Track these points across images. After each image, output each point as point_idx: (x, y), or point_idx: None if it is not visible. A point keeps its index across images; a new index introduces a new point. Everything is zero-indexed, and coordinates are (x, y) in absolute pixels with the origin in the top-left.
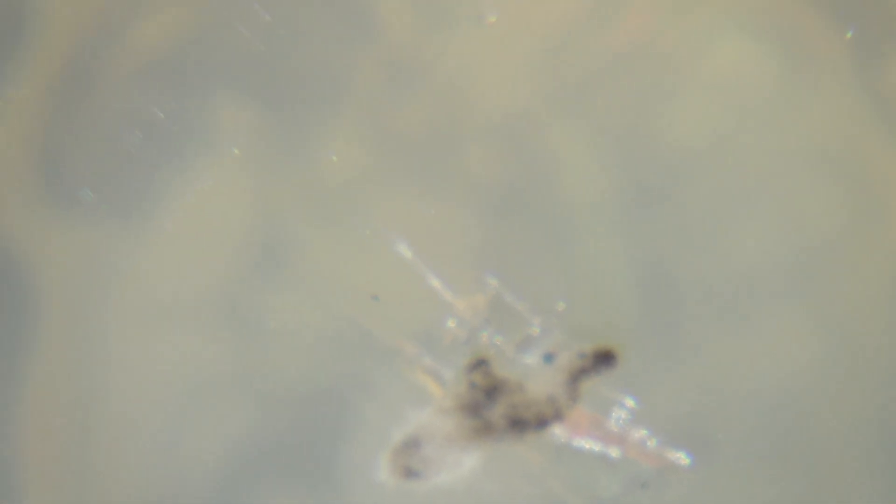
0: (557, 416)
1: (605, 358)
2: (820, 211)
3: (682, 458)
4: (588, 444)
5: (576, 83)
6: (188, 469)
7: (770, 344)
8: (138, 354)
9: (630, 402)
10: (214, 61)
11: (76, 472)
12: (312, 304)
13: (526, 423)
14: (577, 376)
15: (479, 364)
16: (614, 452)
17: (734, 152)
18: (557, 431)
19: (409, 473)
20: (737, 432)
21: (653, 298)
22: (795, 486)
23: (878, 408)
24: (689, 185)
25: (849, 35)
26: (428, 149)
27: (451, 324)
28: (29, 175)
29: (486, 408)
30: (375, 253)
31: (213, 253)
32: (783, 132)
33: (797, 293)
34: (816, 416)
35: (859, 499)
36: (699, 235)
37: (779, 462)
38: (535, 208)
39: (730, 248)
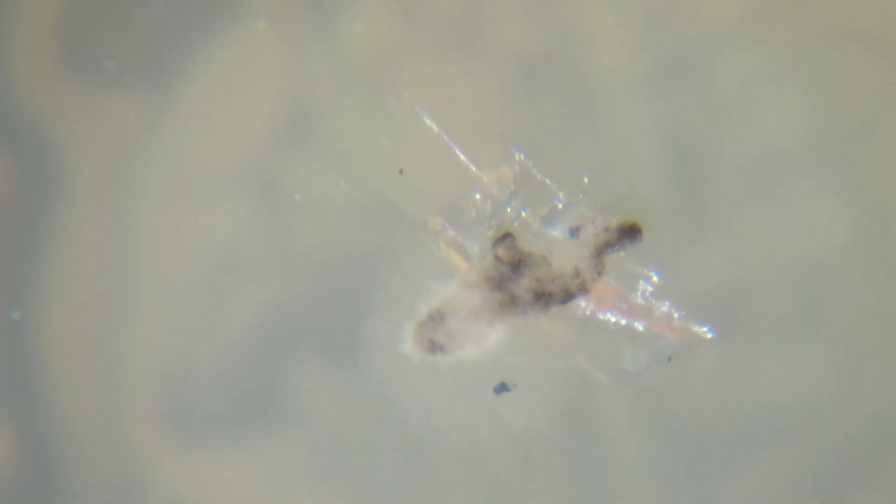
0: (582, 289)
1: (630, 232)
2: (854, 85)
3: (706, 332)
4: (613, 317)
5: None
6: (214, 340)
7: (799, 218)
8: (164, 227)
9: (654, 277)
10: None
11: (102, 345)
12: (338, 177)
13: (551, 296)
14: (602, 250)
15: (505, 237)
16: (639, 326)
17: (766, 26)
18: (582, 305)
19: (434, 347)
20: (762, 307)
21: (680, 173)
22: (821, 361)
23: None
24: (720, 58)
25: None
26: (455, 19)
27: (476, 197)
28: (53, 46)
29: (512, 281)
30: (401, 124)
31: (239, 125)
32: (816, 7)
33: (828, 167)
34: (844, 291)
35: (887, 373)
36: (729, 109)
37: (804, 337)
38: (563, 81)
39: (760, 122)
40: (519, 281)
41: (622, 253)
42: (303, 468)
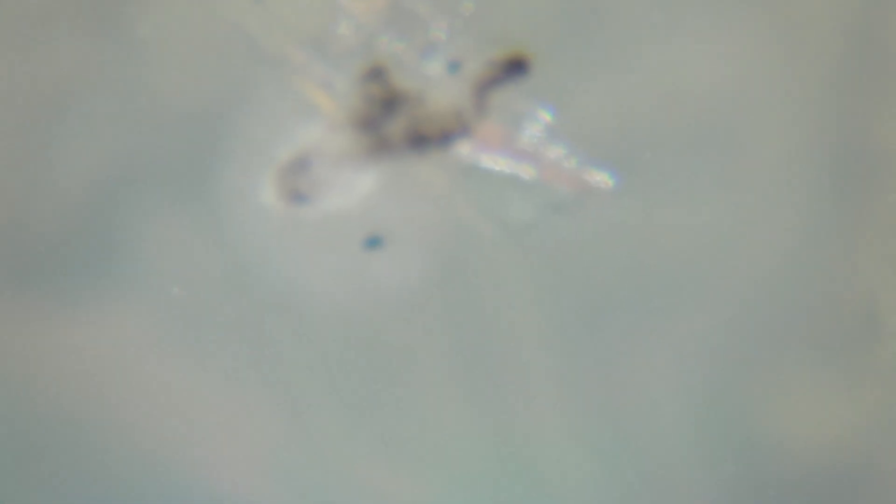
0: (464, 131)
1: (516, 65)
2: None
3: (604, 179)
4: (498, 163)
5: None
6: (53, 191)
7: (703, 44)
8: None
9: (546, 115)
10: None
11: None
12: (189, 10)
13: (428, 139)
14: (485, 86)
15: (376, 73)
16: (527, 173)
17: None
18: (464, 149)
19: (298, 196)
20: (665, 148)
21: None
22: (727, 207)
23: (821, 122)
24: None
25: None
26: None
27: (343, 28)
28: None
29: (384, 122)
30: None
31: None
32: None
33: None
34: (754, 129)
35: (794, 219)
36: None
37: (710, 181)
38: None
39: None
40: (392, 121)
41: (508, 89)
42: (153, 332)
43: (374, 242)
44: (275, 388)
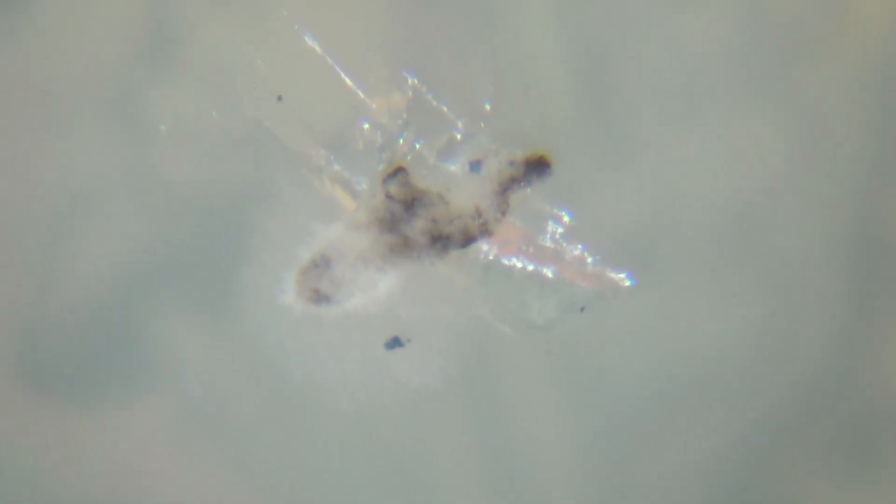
0: (484, 231)
1: (537, 165)
2: None
3: (623, 279)
4: (519, 263)
5: None
6: (69, 287)
7: (724, 143)
8: (13, 158)
9: (565, 216)
10: None
11: None
12: (209, 105)
13: (449, 239)
14: (506, 186)
15: (397, 173)
16: (548, 273)
17: None
18: (484, 249)
19: (318, 297)
20: (685, 247)
21: (590, 96)
22: (750, 307)
23: (844, 219)
24: None
25: None
26: None
27: (364, 127)
28: None
29: (405, 222)
30: (280, 45)
31: (97, 44)
32: None
33: (759, 90)
34: (775, 227)
35: (817, 319)
36: (646, 23)
37: (732, 280)
38: None
39: (680, 37)
40: (413, 222)
41: (529, 190)
42: (170, 433)
43: (395, 343)
44: (295, 488)
